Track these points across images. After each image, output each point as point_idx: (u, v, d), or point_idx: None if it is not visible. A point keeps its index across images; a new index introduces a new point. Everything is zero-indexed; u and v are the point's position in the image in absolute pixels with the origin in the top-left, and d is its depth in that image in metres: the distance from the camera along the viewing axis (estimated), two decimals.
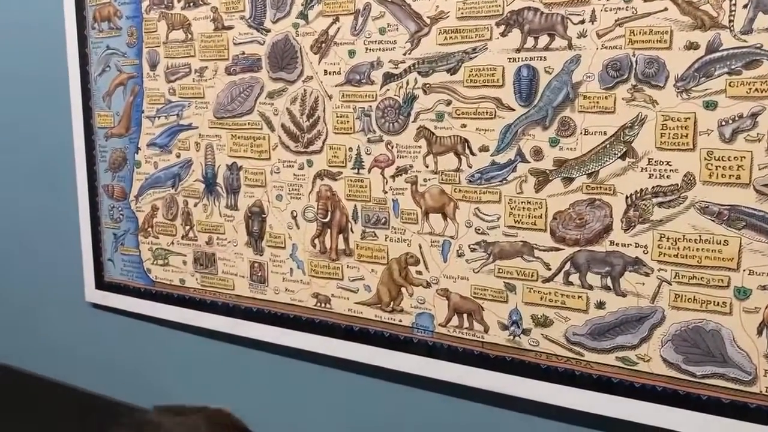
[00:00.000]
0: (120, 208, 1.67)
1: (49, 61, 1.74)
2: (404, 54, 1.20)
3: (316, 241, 1.36)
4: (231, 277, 1.50)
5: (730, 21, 0.94)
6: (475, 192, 1.16)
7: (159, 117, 1.55)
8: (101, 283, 1.73)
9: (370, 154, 1.27)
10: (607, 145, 1.04)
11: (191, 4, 1.46)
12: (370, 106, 1.25)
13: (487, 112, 1.13)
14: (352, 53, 1.26)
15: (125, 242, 1.67)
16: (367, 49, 1.24)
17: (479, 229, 1.17)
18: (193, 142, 1.51)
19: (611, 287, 1.06)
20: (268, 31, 1.36)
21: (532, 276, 1.13)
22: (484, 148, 1.14)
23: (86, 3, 1.64)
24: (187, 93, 1.50)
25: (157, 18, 1.52)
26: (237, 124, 1.43)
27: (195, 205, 1.53)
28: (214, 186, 1.49)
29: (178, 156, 1.54)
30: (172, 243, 1.58)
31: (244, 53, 1.40)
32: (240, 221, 1.46)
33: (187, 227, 1.55)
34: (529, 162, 1.11)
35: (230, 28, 1.41)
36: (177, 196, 1.56)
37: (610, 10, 1.02)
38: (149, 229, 1.62)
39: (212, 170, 1.49)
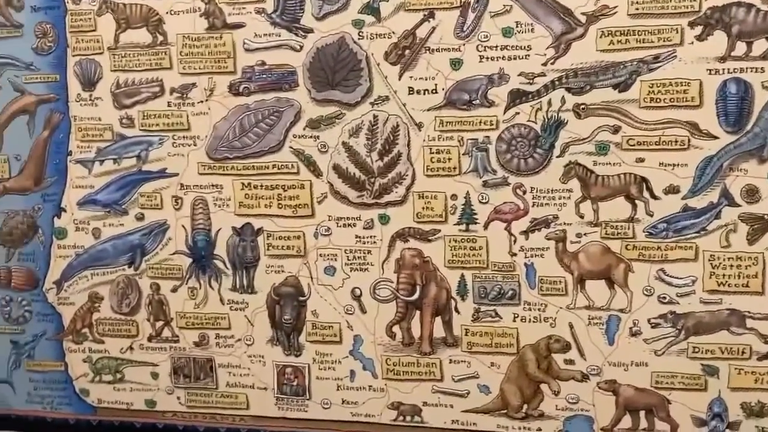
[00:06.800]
0: (24, 302, 1.09)
1: None
2: (544, 64, 0.89)
3: (396, 328, 0.97)
4: (242, 390, 1.03)
5: None
6: (659, 248, 0.91)
7: (101, 161, 1.03)
8: None
9: (486, 202, 0.92)
10: None
11: None
12: (488, 137, 0.90)
13: (676, 142, 0.88)
14: (456, 63, 0.92)
15: (35, 353, 1.10)
16: (482, 57, 0.91)
17: (664, 298, 0.91)
18: (168, 196, 1.01)
19: None
20: (309, 31, 0.93)
21: (742, 353, 0.90)
22: (672, 190, 0.90)
23: None
24: (157, 123, 1.00)
25: (96, 9, 1.00)
26: (253, 167, 0.98)
27: (174, 289, 1.03)
28: (210, 260, 1.01)
29: (140, 218, 1.02)
30: (131, 348, 1.06)
31: (263, 63, 0.95)
32: (259, 309, 1.01)
33: (159, 323, 1.04)
34: (740, 206, 0.87)
35: (239, 26, 0.95)
36: (138, 278, 1.04)
37: None
38: (84, 330, 1.07)
39: (205, 237, 1.01)
